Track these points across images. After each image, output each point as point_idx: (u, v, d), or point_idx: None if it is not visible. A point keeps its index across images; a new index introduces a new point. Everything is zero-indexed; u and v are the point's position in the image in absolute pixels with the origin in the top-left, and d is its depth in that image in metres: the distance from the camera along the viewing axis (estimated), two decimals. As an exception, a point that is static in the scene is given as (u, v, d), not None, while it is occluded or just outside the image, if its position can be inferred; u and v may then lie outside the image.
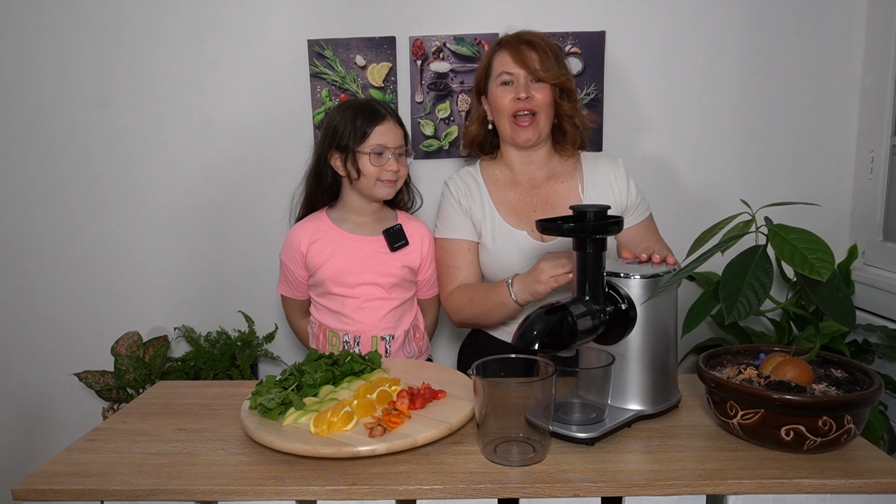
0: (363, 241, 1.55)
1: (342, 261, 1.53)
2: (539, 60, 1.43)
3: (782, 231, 0.94)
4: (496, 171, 1.53)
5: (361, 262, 1.53)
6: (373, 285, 1.53)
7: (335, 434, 0.99)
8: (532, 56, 1.43)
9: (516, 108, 1.43)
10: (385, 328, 1.54)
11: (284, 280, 1.63)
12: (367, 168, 1.49)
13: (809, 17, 1.86)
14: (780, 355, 1.05)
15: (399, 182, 1.54)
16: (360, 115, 1.49)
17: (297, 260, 1.56)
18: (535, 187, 1.50)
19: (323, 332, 1.57)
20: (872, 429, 1.47)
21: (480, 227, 1.48)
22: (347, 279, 1.52)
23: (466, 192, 1.50)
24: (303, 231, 1.56)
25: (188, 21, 1.91)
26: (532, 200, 1.49)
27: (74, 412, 2.09)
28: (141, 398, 1.26)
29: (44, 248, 2.03)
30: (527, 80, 1.43)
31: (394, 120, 1.52)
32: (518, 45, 1.44)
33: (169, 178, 1.99)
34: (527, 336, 0.97)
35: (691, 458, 0.96)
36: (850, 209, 1.94)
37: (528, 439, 0.97)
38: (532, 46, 1.44)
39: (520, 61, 1.42)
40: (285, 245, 1.59)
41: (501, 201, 1.49)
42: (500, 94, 1.44)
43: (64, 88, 1.95)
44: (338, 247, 1.53)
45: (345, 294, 1.53)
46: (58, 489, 0.92)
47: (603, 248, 1.06)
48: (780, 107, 1.91)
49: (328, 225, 1.56)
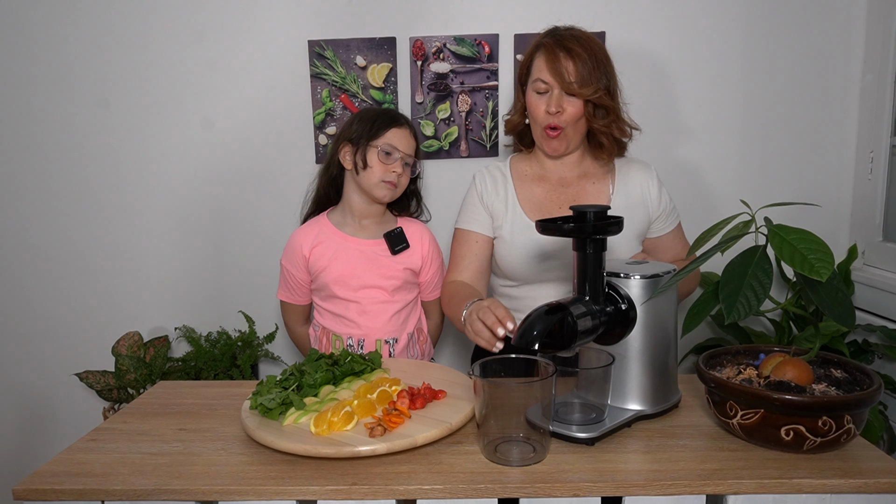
0: (364, 244, 1.55)
1: (345, 264, 1.53)
2: (576, 73, 1.35)
3: (782, 231, 0.94)
4: (526, 167, 1.51)
5: (364, 265, 1.53)
6: (376, 288, 1.53)
7: (335, 434, 0.99)
8: (569, 67, 1.35)
9: (547, 121, 1.39)
10: (389, 331, 1.54)
11: (285, 286, 1.63)
12: (373, 162, 1.51)
13: (809, 17, 1.86)
14: (779, 355, 1.05)
15: (399, 189, 1.54)
16: (381, 116, 1.54)
17: (298, 264, 1.56)
18: (565, 185, 1.48)
19: (326, 336, 1.57)
20: (872, 429, 1.47)
21: (501, 221, 1.47)
22: (350, 282, 1.53)
23: (492, 187, 1.49)
24: (304, 235, 1.57)
25: (188, 21, 1.91)
26: (559, 198, 1.46)
27: (75, 412, 2.09)
28: (141, 398, 1.26)
29: (44, 248, 2.03)
30: (560, 93, 1.37)
31: (410, 130, 1.55)
32: (557, 51, 1.36)
33: (169, 179, 1.99)
34: (527, 336, 0.97)
35: (691, 458, 0.96)
36: (849, 209, 1.94)
37: (528, 439, 0.97)
38: (570, 55, 1.35)
39: (555, 72, 1.36)
40: (287, 250, 1.59)
41: (526, 196, 1.47)
42: (535, 101, 1.41)
43: (64, 89, 1.95)
44: (340, 250, 1.54)
45: (348, 298, 1.53)
46: (58, 489, 0.92)
47: (603, 248, 1.06)
48: (780, 107, 1.91)
49: (329, 228, 1.57)
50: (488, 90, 1.91)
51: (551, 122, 1.39)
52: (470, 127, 1.94)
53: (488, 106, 1.92)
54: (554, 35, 1.40)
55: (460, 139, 1.94)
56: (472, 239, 1.49)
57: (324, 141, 1.94)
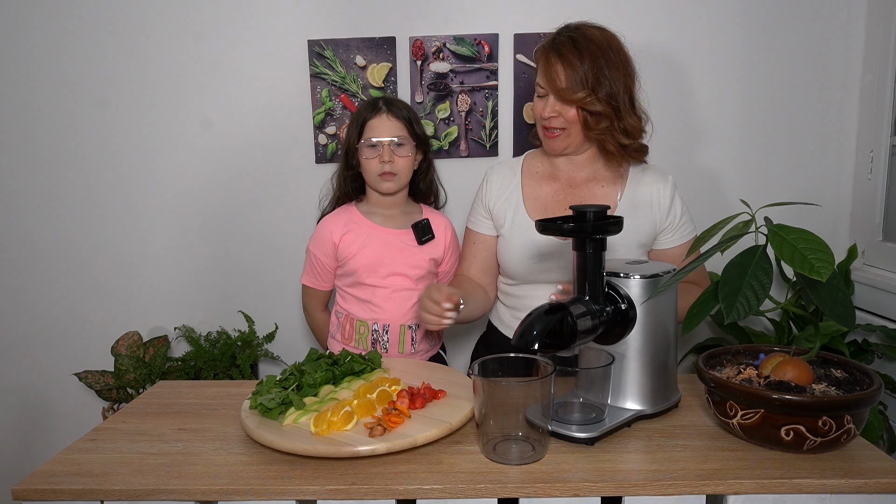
0: (393, 233, 1.59)
1: (374, 252, 1.57)
2: (565, 78, 1.31)
3: (782, 231, 0.94)
4: (538, 164, 1.51)
5: (392, 253, 1.57)
6: (402, 276, 1.57)
7: (335, 434, 0.99)
8: (558, 72, 1.32)
9: (544, 123, 1.39)
10: (412, 318, 1.58)
11: (311, 270, 1.65)
12: (363, 161, 1.55)
13: (809, 17, 1.86)
14: (779, 355, 1.05)
15: (401, 176, 1.55)
16: (361, 112, 1.58)
17: (327, 250, 1.59)
18: (574, 186, 1.46)
19: (350, 322, 1.60)
20: (872, 429, 1.47)
21: (503, 220, 1.47)
22: (379, 269, 1.56)
23: (498, 186, 1.49)
24: (335, 222, 1.60)
25: (188, 21, 1.91)
26: (567, 198, 1.45)
27: (74, 412, 2.09)
28: (141, 398, 1.26)
29: (44, 248, 2.03)
30: (555, 98, 1.35)
31: (391, 112, 1.54)
32: (550, 55, 1.34)
33: (169, 179, 1.99)
34: (527, 336, 0.97)
35: (691, 458, 0.96)
36: (849, 209, 1.94)
37: (527, 438, 0.97)
38: (561, 60, 1.31)
39: (547, 77, 1.34)
40: (316, 236, 1.62)
41: (532, 195, 1.47)
42: (536, 101, 1.41)
43: (63, 89, 1.95)
44: (369, 238, 1.57)
45: (375, 284, 1.57)
46: (58, 489, 0.92)
47: (603, 248, 1.06)
48: (781, 107, 1.91)
49: (359, 217, 1.60)
50: (488, 90, 1.91)
51: (547, 125, 1.39)
52: (470, 127, 1.94)
53: (488, 106, 1.92)
54: (557, 36, 1.37)
55: (460, 139, 1.94)
56: (477, 239, 1.53)
57: (323, 141, 1.94)
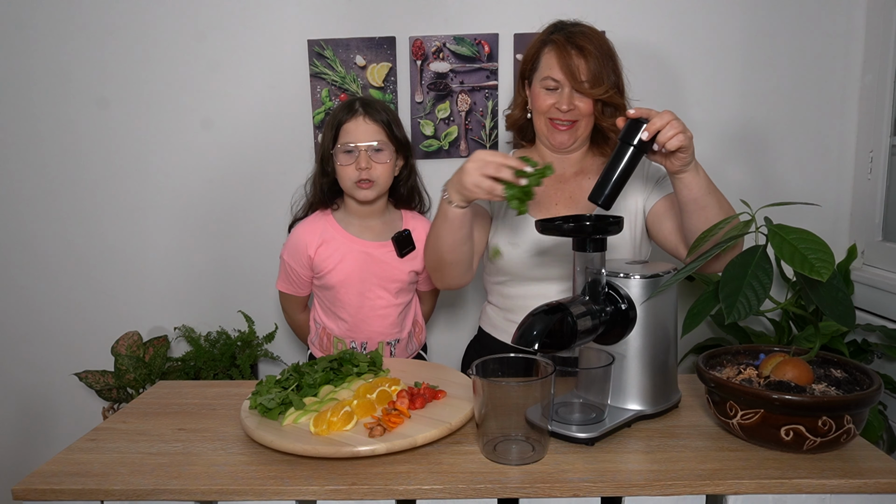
0: (371, 246, 1.51)
1: (351, 267, 1.49)
2: (587, 72, 1.33)
3: (782, 231, 0.94)
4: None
5: (370, 268, 1.50)
6: (381, 290, 1.52)
7: (335, 434, 0.99)
8: (581, 66, 1.33)
9: (556, 115, 1.37)
10: (392, 334, 1.54)
11: (286, 278, 1.59)
12: (338, 167, 1.46)
13: (809, 18, 1.86)
14: (779, 355, 1.05)
15: (380, 183, 1.47)
16: (336, 114, 1.48)
17: (302, 261, 1.53)
18: (563, 182, 1.46)
19: (327, 336, 1.56)
20: (872, 429, 1.47)
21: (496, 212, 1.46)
22: (357, 285, 1.50)
23: None
24: (309, 232, 1.52)
25: (188, 21, 1.91)
26: (556, 194, 1.45)
27: (74, 412, 2.09)
28: (141, 398, 1.26)
29: (44, 248, 2.03)
30: (571, 91, 1.34)
31: (368, 116, 1.45)
32: (568, 48, 1.33)
33: (169, 179, 1.99)
34: (527, 336, 0.97)
35: (691, 458, 0.96)
36: (849, 209, 1.94)
37: (527, 439, 0.97)
38: (582, 53, 1.32)
39: (567, 71, 1.33)
40: (289, 245, 1.55)
41: None
42: (543, 95, 1.38)
43: (63, 88, 1.95)
44: (347, 252, 1.50)
45: (353, 302, 1.51)
46: (58, 489, 0.92)
47: (603, 247, 1.06)
48: (780, 107, 1.91)
49: (335, 227, 1.52)
50: (488, 90, 1.91)
51: (560, 117, 1.37)
52: (469, 126, 1.94)
53: (488, 105, 1.92)
54: (563, 31, 1.37)
55: (460, 139, 1.94)
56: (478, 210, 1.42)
57: (323, 140, 1.94)
